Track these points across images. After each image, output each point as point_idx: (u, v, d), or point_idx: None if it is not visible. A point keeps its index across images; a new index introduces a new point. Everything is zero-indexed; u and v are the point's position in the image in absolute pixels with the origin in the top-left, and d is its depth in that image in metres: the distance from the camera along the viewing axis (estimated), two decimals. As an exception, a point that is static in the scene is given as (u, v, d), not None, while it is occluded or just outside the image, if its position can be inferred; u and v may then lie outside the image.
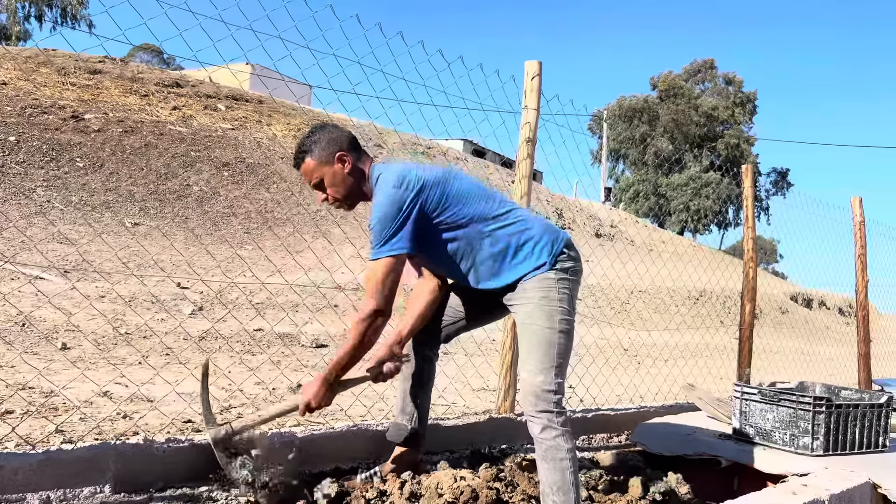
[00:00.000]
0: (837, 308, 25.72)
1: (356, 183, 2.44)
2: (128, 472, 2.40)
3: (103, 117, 12.99)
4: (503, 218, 2.43)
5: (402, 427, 2.76)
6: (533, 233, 2.43)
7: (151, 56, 31.04)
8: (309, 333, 6.30)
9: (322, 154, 2.41)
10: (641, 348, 8.35)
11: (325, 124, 2.50)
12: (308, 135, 2.46)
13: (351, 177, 2.43)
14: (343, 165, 2.41)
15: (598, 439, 4.01)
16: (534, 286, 2.38)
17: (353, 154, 2.44)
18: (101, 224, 9.76)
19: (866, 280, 6.31)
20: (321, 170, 2.41)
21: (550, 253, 2.40)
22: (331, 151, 2.41)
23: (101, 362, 4.47)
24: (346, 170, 2.41)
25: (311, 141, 2.43)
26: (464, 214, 2.39)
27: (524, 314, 2.39)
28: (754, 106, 45.69)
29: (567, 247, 2.46)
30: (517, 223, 2.44)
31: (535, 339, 2.34)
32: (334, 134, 2.45)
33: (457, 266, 2.46)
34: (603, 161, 39.96)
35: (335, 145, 2.42)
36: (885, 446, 3.34)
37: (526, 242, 2.41)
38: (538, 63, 3.72)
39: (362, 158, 2.46)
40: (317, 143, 2.42)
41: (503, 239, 2.41)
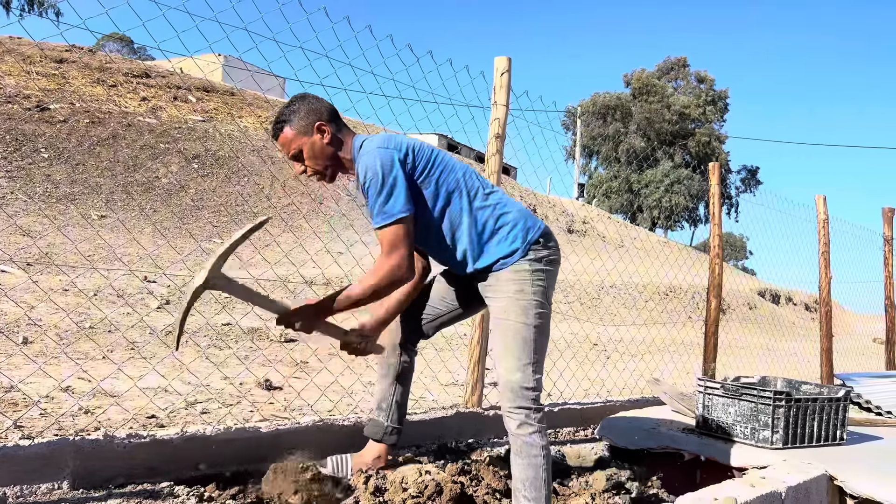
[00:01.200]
0: (804, 304, 26.20)
1: (335, 154, 2.39)
2: (87, 468, 2.37)
3: (69, 107, 12.75)
4: (484, 198, 2.41)
5: (379, 423, 2.76)
6: (510, 217, 2.41)
7: (121, 46, 30.51)
8: (276, 328, 6.26)
9: (301, 124, 2.34)
10: (610, 343, 8.43)
11: (305, 94, 2.43)
12: (287, 104, 2.39)
13: (331, 147, 2.37)
14: (322, 136, 2.35)
15: (564, 433, 4.04)
16: (508, 278, 2.36)
17: (333, 125, 2.38)
18: (66, 216, 9.59)
19: (829, 277, 6.44)
20: (300, 140, 2.35)
21: (525, 240, 2.38)
22: (310, 121, 2.35)
23: (63, 357, 4.40)
24: (326, 140, 2.36)
25: (289, 111, 2.37)
26: (448, 182, 2.37)
27: (499, 309, 2.37)
28: (725, 104, 46.31)
29: (543, 236, 2.44)
30: (498, 205, 2.42)
31: (510, 334, 2.32)
32: (314, 104, 2.39)
33: (436, 240, 2.42)
34: (576, 157, 40.19)
35: (314, 115, 2.36)
36: (843, 439, 3.41)
37: (502, 226, 2.40)
38: (507, 59, 3.73)
39: (342, 130, 2.41)
40: (295, 113, 2.35)
41: (481, 218, 2.39)
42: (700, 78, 46.46)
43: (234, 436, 2.75)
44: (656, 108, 42.95)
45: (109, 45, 29.12)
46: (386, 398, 2.76)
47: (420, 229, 2.39)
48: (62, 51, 15.80)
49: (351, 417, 3.18)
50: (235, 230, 2.46)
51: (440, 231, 2.39)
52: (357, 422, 3.08)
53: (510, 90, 3.72)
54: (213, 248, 9.64)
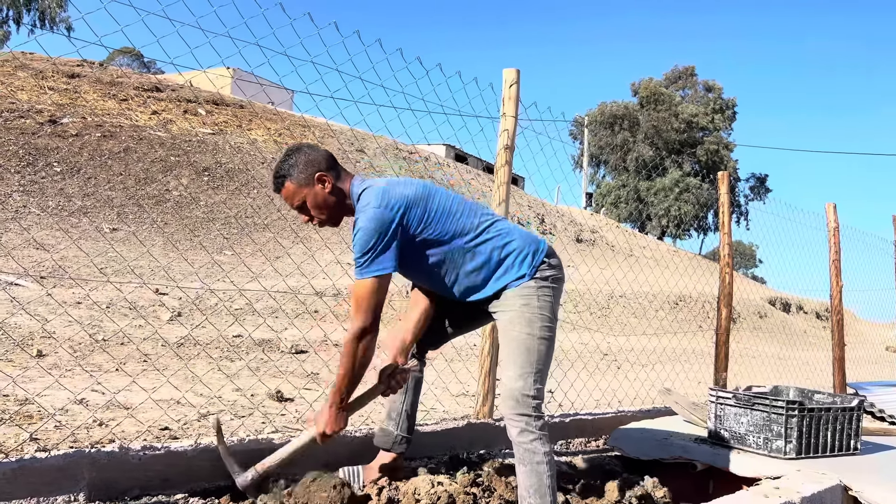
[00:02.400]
0: (815, 313, 26.02)
1: (338, 202, 2.43)
2: (102, 480, 2.39)
3: (81, 122, 12.87)
4: (485, 232, 2.46)
5: (389, 433, 2.80)
6: (514, 245, 2.46)
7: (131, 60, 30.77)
8: (288, 339, 6.28)
9: (301, 176, 2.39)
10: (620, 353, 8.40)
11: (300, 146, 2.47)
12: (284, 158, 2.44)
13: (333, 196, 2.41)
14: (324, 186, 2.40)
15: (575, 444, 4.04)
16: (515, 294, 2.43)
17: (332, 173, 2.42)
18: (79, 230, 9.67)
19: (840, 285, 6.41)
20: (302, 192, 2.39)
21: (531, 264, 2.45)
22: (309, 173, 2.39)
23: (77, 369, 4.43)
24: (327, 189, 2.40)
25: (288, 164, 2.41)
26: (446, 231, 2.41)
27: (505, 321, 2.44)
28: (734, 112, 46.17)
29: (548, 255, 2.50)
30: (498, 236, 2.47)
31: (514, 344, 2.38)
32: (311, 155, 2.43)
33: (440, 280, 2.48)
34: (584, 167, 40.19)
35: (313, 166, 2.40)
36: (857, 449, 3.39)
37: (507, 255, 2.45)
38: (516, 71, 3.76)
39: (342, 176, 2.45)
40: (294, 166, 2.40)
41: (484, 252, 2.44)
42: (708, 87, 46.38)
43: (248, 447, 2.77)
44: (664, 117, 42.89)
45: (120, 59, 29.40)
46: (396, 408, 2.81)
47: (423, 275, 2.49)
48: (74, 66, 15.97)
49: (362, 428, 3.20)
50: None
51: (446, 273, 2.46)
52: (368, 433, 3.09)
53: (518, 101, 3.74)
54: (223, 259, 9.69)
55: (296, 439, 2.53)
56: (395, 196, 2.34)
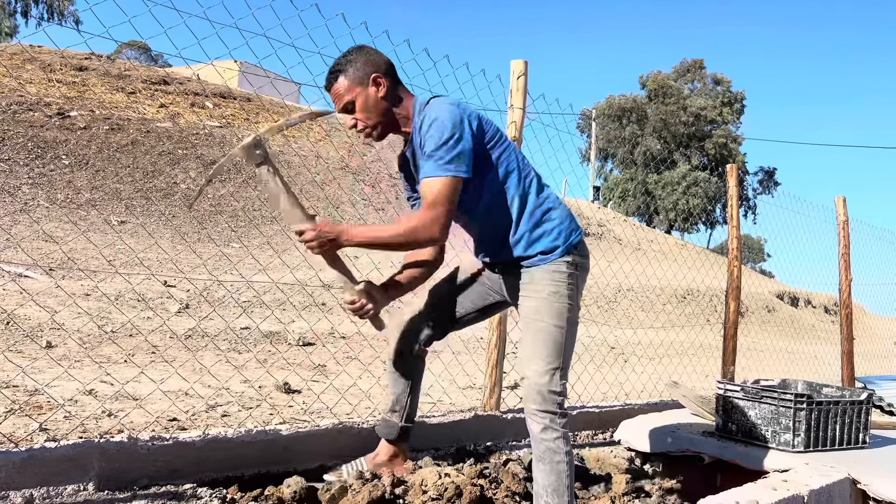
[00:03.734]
0: (823, 307, 25.92)
1: (389, 110, 2.30)
2: (112, 470, 2.40)
3: (89, 115, 12.91)
4: (539, 188, 2.40)
5: (393, 423, 2.76)
6: (557, 214, 2.40)
7: (139, 53, 30.81)
8: (296, 331, 6.30)
9: (356, 74, 2.26)
10: (627, 346, 8.40)
11: (363, 45, 2.34)
12: (344, 54, 2.31)
13: (385, 101, 2.29)
14: (378, 88, 2.27)
15: (582, 436, 4.04)
16: (543, 277, 2.33)
17: (390, 79, 2.30)
18: (87, 222, 9.71)
19: (849, 279, 6.38)
20: (353, 91, 2.26)
21: (566, 240, 2.36)
22: (366, 72, 2.26)
23: (86, 360, 4.45)
24: (381, 94, 2.28)
25: (346, 60, 2.28)
26: (510, 161, 2.34)
27: (531, 309, 2.34)
28: (742, 106, 45.94)
29: (581, 243, 2.44)
30: (548, 198, 2.41)
31: (542, 336, 2.29)
32: (373, 56, 2.30)
33: (483, 212, 2.36)
34: (591, 160, 40.07)
35: (371, 66, 2.28)
36: (866, 443, 3.38)
37: (548, 220, 2.37)
38: (524, 62, 3.74)
39: (399, 87, 2.34)
40: (352, 63, 2.27)
41: (531, 204, 2.36)
42: (716, 80, 46.14)
43: (255, 438, 2.78)
44: (672, 110, 42.71)
45: (128, 52, 29.45)
46: (401, 400, 2.75)
47: (471, 199, 2.32)
48: (82, 59, 16.01)
49: (370, 420, 3.20)
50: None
51: (491, 206, 2.35)
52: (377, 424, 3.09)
53: (526, 93, 3.73)
54: (231, 252, 9.72)
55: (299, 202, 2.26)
56: (470, 107, 2.28)
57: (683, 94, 44.33)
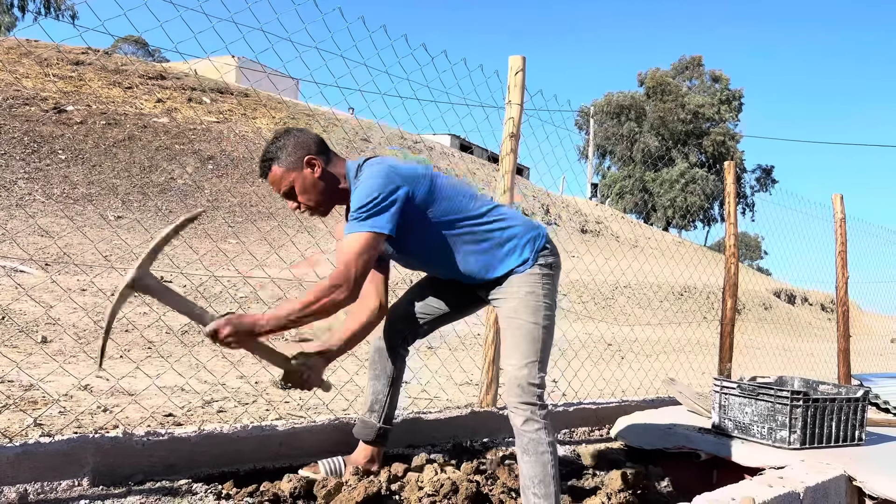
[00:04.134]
0: (820, 304, 25.98)
1: (328, 186, 2.33)
2: (106, 465, 2.39)
3: (86, 109, 12.87)
4: (487, 215, 2.43)
5: (371, 425, 2.73)
6: (516, 230, 2.44)
7: (136, 48, 30.73)
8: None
9: (289, 160, 2.29)
10: (624, 343, 8.40)
11: (289, 128, 2.38)
12: (272, 141, 2.34)
13: (322, 181, 2.32)
14: (313, 170, 2.30)
15: (579, 433, 4.04)
16: (520, 281, 2.40)
17: (323, 157, 2.33)
18: (83, 217, 9.68)
19: (846, 276, 6.38)
20: (290, 176, 2.29)
21: (533, 249, 2.43)
22: (298, 156, 2.29)
23: (82, 356, 4.44)
24: (317, 174, 2.30)
25: (275, 147, 2.31)
26: (451, 209, 2.36)
27: (509, 309, 2.40)
28: (740, 103, 45.98)
29: (548, 242, 2.49)
30: (500, 220, 2.44)
31: (520, 333, 2.35)
32: (300, 137, 2.33)
33: (441, 262, 2.43)
34: (589, 157, 40.07)
35: (303, 149, 2.30)
36: (861, 440, 3.38)
37: (510, 239, 2.42)
38: (522, 58, 3.73)
39: (333, 161, 2.36)
40: (282, 149, 2.30)
41: (487, 236, 2.41)
42: (715, 77, 46.17)
43: (251, 433, 2.77)
44: (670, 108, 42.74)
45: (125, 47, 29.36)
46: (379, 400, 2.73)
47: (423, 255, 2.43)
48: (79, 53, 15.96)
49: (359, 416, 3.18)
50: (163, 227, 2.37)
51: (448, 255, 2.40)
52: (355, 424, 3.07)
53: (524, 89, 3.71)
54: (228, 248, 9.70)
55: (199, 308, 2.19)
56: (404, 167, 2.30)
57: (682, 91, 44.37)
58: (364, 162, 2.34)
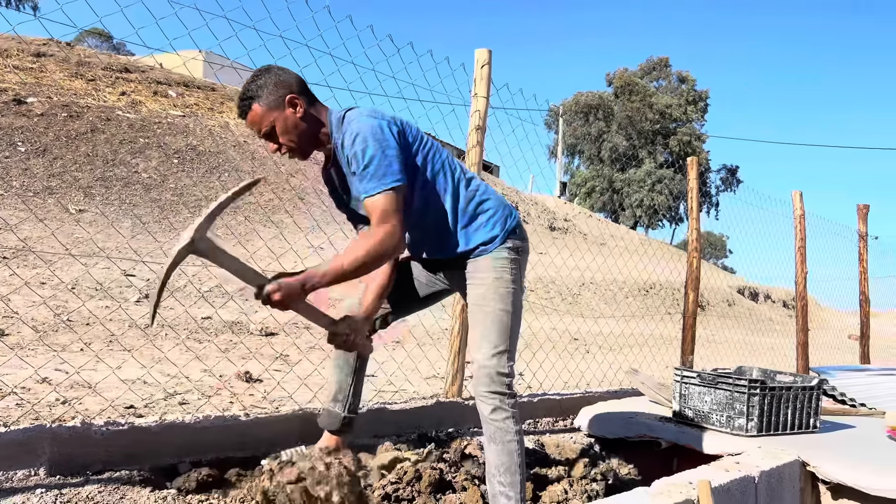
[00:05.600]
0: (782, 301, 26.51)
1: (310, 128, 2.26)
2: (64, 455, 2.36)
3: (47, 101, 12.59)
4: (468, 182, 2.40)
5: (336, 414, 2.69)
6: (490, 204, 2.41)
7: (101, 41, 30.12)
8: (257, 321, 6.24)
9: (270, 98, 2.20)
10: (589, 336, 8.49)
11: (269, 66, 2.27)
12: (252, 79, 2.24)
13: (304, 121, 2.24)
14: (295, 109, 2.22)
15: (543, 423, 4.08)
16: (487, 265, 2.36)
17: (305, 97, 2.25)
18: (44, 210, 9.48)
19: (805, 271, 6.53)
20: (270, 115, 2.20)
21: (503, 227, 2.39)
22: (280, 95, 2.21)
23: (41, 349, 4.36)
24: (299, 114, 2.23)
25: (256, 85, 2.21)
26: (436, 161, 2.33)
27: (478, 295, 2.37)
28: (706, 104, 46.64)
29: (518, 226, 2.46)
30: (478, 190, 2.41)
31: (489, 320, 2.32)
32: (282, 76, 2.24)
33: (415, 218, 2.35)
34: (559, 156, 40.37)
35: (284, 88, 2.22)
36: (816, 427, 3.47)
37: (482, 212, 2.39)
38: (488, 51, 3.75)
39: (315, 103, 2.30)
40: (263, 87, 2.21)
41: (463, 200, 2.37)
42: (682, 78, 46.78)
43: (213, 424, 2.75)
44: (638, 107, 43.21)
45: (89, 40, 28.78)
46: (343, 389, 2.68)
47: None
48: (40, 44, 15.60)
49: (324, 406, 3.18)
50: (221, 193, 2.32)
51: (422, 210, 2.35)
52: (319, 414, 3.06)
53: (490, 82, 3.74)
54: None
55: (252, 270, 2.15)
56: (387, 112, 2.26)
57: (649, 91, 44.86)
58: (345, 114, 2.27)
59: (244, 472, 2.58)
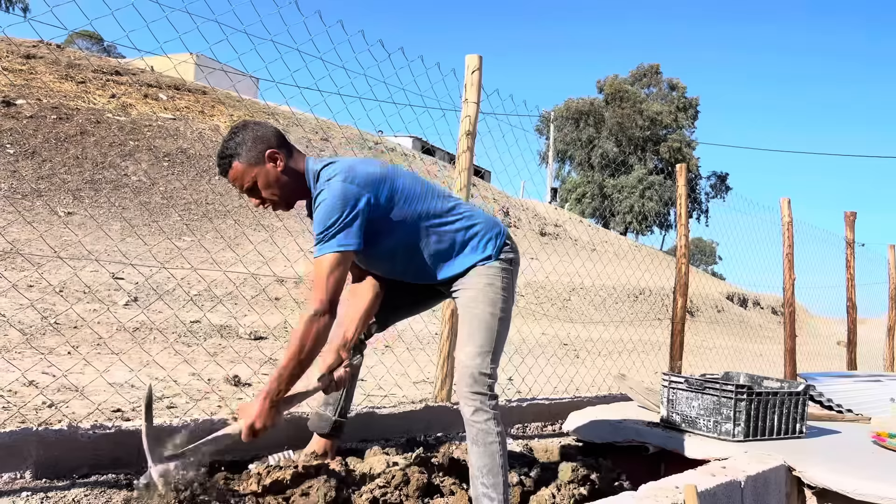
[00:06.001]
0: (771, 308, 26.63)
1: (291, 181, 2.29)
2: (50, 458, 2.35)
3: (36, 103, 12.54)
4: (449, 214, 2.43)
5: (326, 418, 2.71)
6: (478, 228, 2.47)
7: (91, 44, 29.99)
8: (247, 325, 6.22)
9: (250, 154, 2.23)
10: (578, 341, 8.50)
11: (246, 122, 2.30)
12: (230, 137, 2.26)
13: (285, 175, 2.27)
14: (275, 163, 2.25)
15: (532, 427, 4.08)
16: (479, 273, 2.42)
17: (284, 151, 2.28)
18: (32, 213, 9.43)
19: (793, 278, 6.58)
20: (252, 171, 2.23)
21: (495, 246, 2.46)
22: (259, 150, 2.23)
23: (28, 352, 4.33)
24: (280, 167, 2.26)
25: (234, 143, 2.24)
26: (413, 211, 2.35)
27: (467, 298, 2.41)
28: (696, 111, 46.91)
29: (508, 239, 2.52)
30: (462, 219, 2.45)
31: (476, 322, 2.35)
32: (259, 131, 2.27)
33: (402, 264, 2.43)
34: (549, 161, 40.45)
35: (263, 143, 2.24)
36: (802, 432, 3.49)
37: (472, 238, 2.45)
38: (478, 57, 3.77)
39: (294, 155, 2.32)
40: (242, 144, 2.23)
41: (449, 235, 2.41)
42: (672, 85, 47.02)
43: (201, 427, 2.74)
44: (629, 114, 43.40)
45: (79, 42, 28.66)
46: (334, 394, 2.69)
47: (386, 258, 2.41)
48: (30, 46, 15.54)
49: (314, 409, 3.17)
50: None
51: (411, 256, 2.40)
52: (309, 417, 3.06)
53: (481, 88, 3.75)
54: (183, 245, 9.54)
55: (219, 432, 2.28)
56: (362, 173, 2.25)
57: (640, 98, 45.07)
58: (322, 169, 2.29)
59: (231, 475, 2.57)
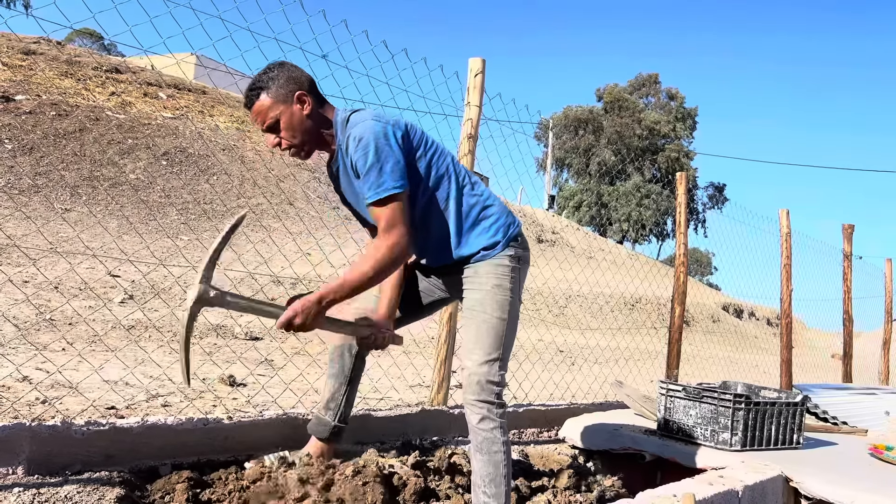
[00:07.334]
0: (766, 319, 26.67)
1: (315, 127, 2.24)
2: (43, 454, 2.32)
3: (35, 99, 12.51)
4: (472, 187, 2.38)
5: (326, 422, 2.68)
6: (493, 210, 2.39)
7: (92, 41, 29.97)
8: (243, 325, 6.20)
9: (279, 92, 2.18)
10: (575, 349, 8.49)
11: (283, 62, 2.26)
12: (264, 71, 2.22)
13: (310, 119, 2.22)
14: (303, 106, 2.20)
15: (528, 434, 4.06)
16: (487, 271, 2.34)
17: (314, 96, 2.24)
18: (29, 209, 9.39)
19: (790, 289, 6.57)
20: (277, 109, 2.18)
21: (506, 234, 2.37)
22: (289, 89, 2.19)
23: (23, 347, 4.30)
24: (306, 111, 2.21)
25: (267, 77, 2.20)
26: (440, 165, 2.31)
27: (474, 301, 2.33)
28: (694, 122, 47.04)
29: (520, 235, 2.44)
30: (482, 196, 2.40)
31: (484, 327, 2.29)
32: (294, 72, 2.23)
33: (419, 221, 2.33)
34: (548, 169, 40.51)
35: (294, 83, 2.20)
36: (799, 443, 3.48)
37: (485, 217, 2.37)
38: (482, 60, 3.76)
39: (324, 104, 2.28)
40: (274, 80, 2.19)
41: (467, 204, 2.35)
42: (671, 95, 47.17)
43: (195, 426, 2.72)
44: (627, 123, 43.51)
45: (80, 39, 28.64)
46: (336, 398, 2.67)
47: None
48: (30, 42, 15.51)
49: (314, 412, 3.16)
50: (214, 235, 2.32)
51: (425, 213, 2.33)
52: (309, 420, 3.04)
53: (483, 91, 3.75)
54: (180, 244, 9.52)
55: (266, 302, 2.20)
56: (392, 115, 2.24)
57: (638, 107, 45.20)
58: (350, 115, 2.25)
59: (226, 475, 2.54)
